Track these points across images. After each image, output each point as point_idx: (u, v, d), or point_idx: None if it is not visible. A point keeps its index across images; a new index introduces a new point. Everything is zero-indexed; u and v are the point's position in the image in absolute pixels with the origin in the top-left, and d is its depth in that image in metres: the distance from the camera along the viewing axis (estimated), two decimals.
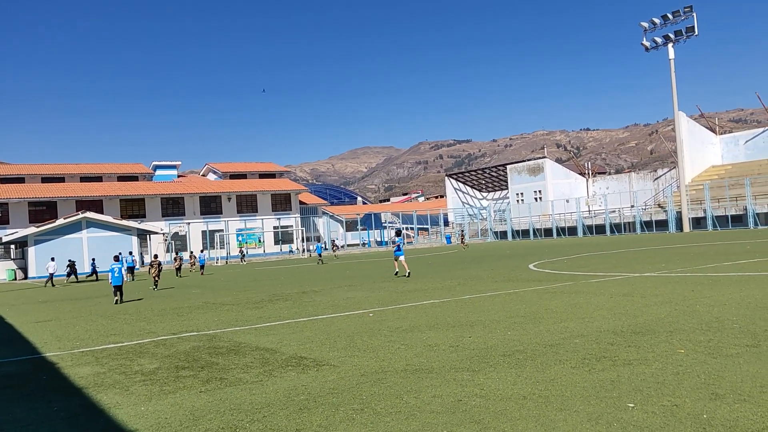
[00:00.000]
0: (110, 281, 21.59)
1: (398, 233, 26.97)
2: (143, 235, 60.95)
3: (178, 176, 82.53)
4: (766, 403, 5.53)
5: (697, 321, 9.86)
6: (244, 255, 64.68)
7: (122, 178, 75.43)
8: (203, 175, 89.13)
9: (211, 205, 74.89)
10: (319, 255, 49.51)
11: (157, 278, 28.46)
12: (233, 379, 8.06)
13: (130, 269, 39.84)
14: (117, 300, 21.39)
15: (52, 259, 43.10)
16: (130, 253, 48.33)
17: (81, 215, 55.26)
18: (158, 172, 79.55)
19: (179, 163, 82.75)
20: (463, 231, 69.17)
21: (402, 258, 24.44)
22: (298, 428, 5.82)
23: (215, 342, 11.27)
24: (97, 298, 24.72)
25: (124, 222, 58.40)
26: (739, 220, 58.57)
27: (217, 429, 5.99)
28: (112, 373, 9.06)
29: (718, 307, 11.09)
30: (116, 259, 23.21)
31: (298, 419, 6.10)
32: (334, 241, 74.60)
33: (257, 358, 9.37)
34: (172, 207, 72.87)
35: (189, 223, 70.77)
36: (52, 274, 40.41)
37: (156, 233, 62.80)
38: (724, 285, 14.38)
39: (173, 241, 68.47)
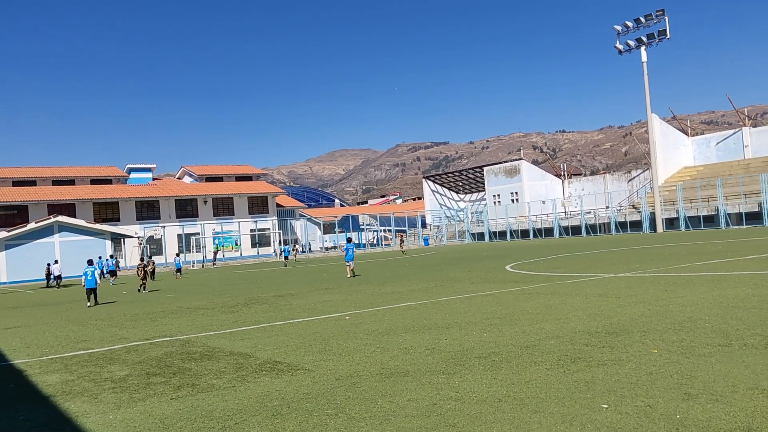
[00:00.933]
0: (83, 284, 21.78)
1: (349, 240, 29.91)
2: (117, 239, 60.11)
3: (153, 179, 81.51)
4: (738, 403, 5.56)
5: (670, 321, 9.94)
6: (215, 258, 64.04)
7: (95, 182, 74.30)
8: (179, 178, 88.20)
9: (186, 208, 74.09)
10: (286, 257, 51.24)
11: (144, 280, 29.52)
12: (205, 385, 7.93)
13: (112, 272, 40.70)
14: (90, 304, 21.63)
15: (56, 262, 43.15)
16: (111, 256, 49.04)
17: (53, 219, 54.30)
18: (133, 175, 78.48)
19: (154, 165, 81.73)
20: (402, 237, 69.88)
21: (351, 263, 27.70)
22: None
23: (188, 347, 11.10)
24: (68, 304, 24.28)
25: (98, 226, 57.50)
26: (711, 220, 59.48)
27: None
28: (81, 381, 8.86)
29: (690, 307, 11.20)
30: (90, 263, 23.32)
31: (271, 425, 6.00)
32: (295, 243, 74.04)
33: (231, 364, 9.24)
34: (147, 210, 71.97)
35: (164, 227, 69.95)
36: (59, 276, 41.25)
37: (130, 237, 61.98)
38: (696, 285, 14.54)
39: (148, 245, 67.63)
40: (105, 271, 42.13)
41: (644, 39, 61.43)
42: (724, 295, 12.46)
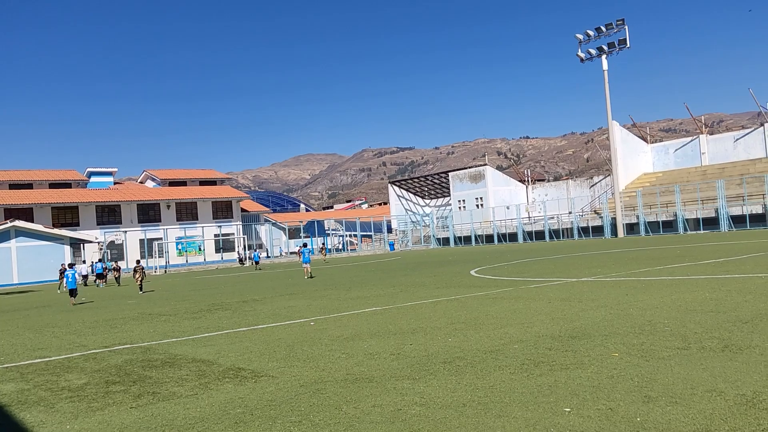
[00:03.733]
0: (66, 285, 25.94)
1: (304, 245, 35.94)
2: (77, 244, 58.77)
3: (115, 183, 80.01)
4: (696, 405, 5.68)
5: (631, 324, 10.11)
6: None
7: (54, 185, 72.56)
8: (141, 182, 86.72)
9: (149, 213, 72.87)
10: (256, 262, 53.43)
11: (141, 282, 30.12)
12: (167, 393, 7.77)
13: (100, 276, 41.56)
14: (75, 302, 24.75)
15: (71, 265, 42.67)
16: (100, 260, 50.21)
17: (9, 224, 52.80)
18: (93, 179, 76.90)
19: (115, 169, 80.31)
20: (323, 244, 71.55)
21: (308, 265, 32.32)
22: None
23: (149, 354, 10.88)
24: (25, 311, 23.63)
25: (56, 231, 56.12)
26: (669, 225, 60.89)
27: None
28: (38, 390, 8.61)
29: (650, 311, 11.42)
30: (71, 266, 29.02)
31: None
32: (249, 248, 73.28)
33: (193, 371, 9.08)
34: (108, 215, 70.59)
35: (126, 232, 68.65)
36: (86, 276, 42.98)
37: (90, 242, 60.65)
38: (656, 289, 14.84)
39: (109, 251, 66.27)
40: (93, 274, 43.78)
41: (605, 48, 62.75)
42: (683, 298, 12.73)
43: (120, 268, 42.78)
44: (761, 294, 12.51)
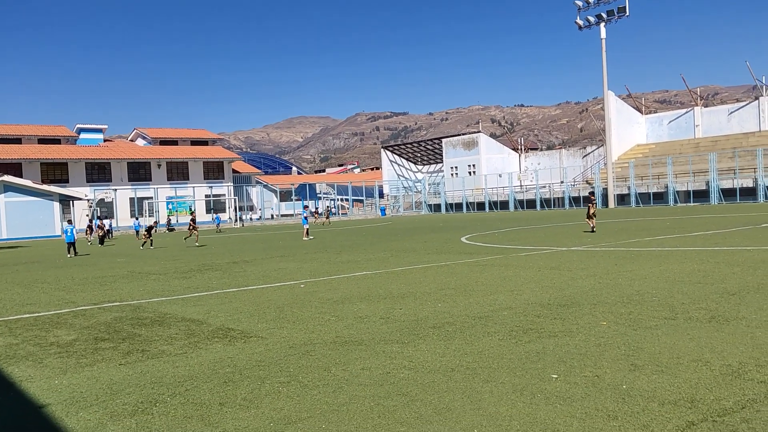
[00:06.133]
0: (65, 239, 28.30)
1: (305, 207, 37.13)
2: (66, 201, 58.38)
3: (105, 141, 79.17)
4: (682, 374, 5.73)
5: (619, 294, 10.19)
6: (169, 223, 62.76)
7: (43, 141, 71.73)
8: (131, 141, 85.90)
9: (139, 172, 72.42)
10: (218, 224, 55.01)
11: (148, 238, 31.75)
12: (156, 352, 7.79)
13: (108, 232, 44.23)
14: (71, 255, 27.17)
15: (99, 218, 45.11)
16: (99, 217, 51.80)
17: None
18: (83, 136, 76.02)
19: (105, 126, 79.32)
20: (329, 208, 70.37)
21: (306, 226, 33.66)
22: (222, 402, 5.66)
23: (139, 313, 10.88)
24: (14, 266, 23.55)
25: (45, 187, 55.63)
26: (660, 197, 61.13)
27: (136, 403, 5.75)
28: (26, 345, 8.61)
29: (639, 281, 11.50)
30: (69, 222, 31.51)
31: (222, 392, 5.93)
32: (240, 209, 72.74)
33: (182, 330, 9.10)
34: (98, 172, 70.09)
35: (116, 190, 68.25)
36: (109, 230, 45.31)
37: (80, 199, 60.24)
38: (645, 259, 14.93)
39: (98, 208, 65.94)
40: (93, 230, 44.38)
41: (604, 15, 62.07)
42: (671, 269, 12.83)
43: (104, 226, 42.41)
44: (748, 266, 12.62)
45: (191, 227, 33.40)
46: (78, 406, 5.75)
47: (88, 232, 43.79)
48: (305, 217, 35.22)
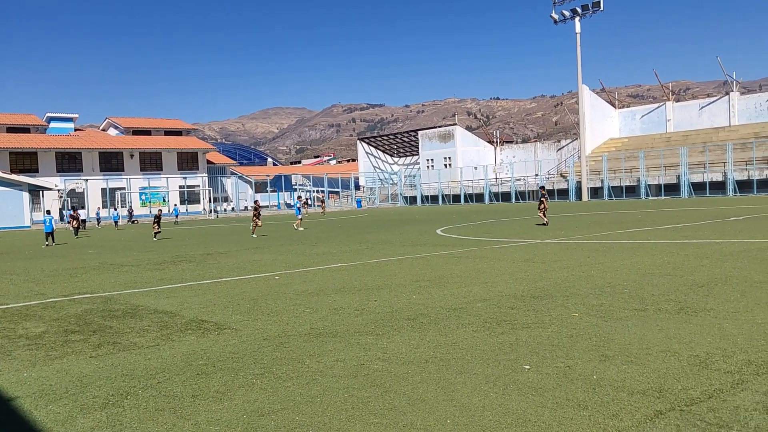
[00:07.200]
0: (44, 229, 28.52)
1: (298, 198, 36.22)
2: (36, 191, 57.34)
3: (75, 130, 77.78)
4: (651, 365, 5.83)
5: (592, 286, 10.32)
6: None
7: (12, 130, 70.20)
8: (103, 130, 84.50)
9: (111, 162, 71.30)
10: (176, 216, 54.47)
11: (157, 230, 29.97)
12: (127, 344, 7.70)
13: (83, 222, 44.44)
14: (48, 244, 27.49)
15: (74, 208, 44.49)
16: (82, 207, 53.65)
17: None
18: (53, 125, 74.54)
19: (76, 115, 77.86)
20: (322, 198, 69.95)
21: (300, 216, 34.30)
22: (195, 394, 5.62)
23: (110, 305, 10.75)
24: None
25: (14, 176, 54.55)
26: (632, 191, 61.94)
27: (107, 396, 5.69)
28: None
29: (610, 273, 11.65)
30: (48, 212, 30.92)
31: (195, 385, 5.89)
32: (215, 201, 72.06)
33: (155, 322, 9.01)
34: (69, 162, 68.83)
35: (87, 180, 67.14)
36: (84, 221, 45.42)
37: (50, 189, 59.23)
38: (616, 252, 15.14)
39: (69, 198, 64.82)
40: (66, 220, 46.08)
41: (579, 10, 62.52)
42: (642, 262, 13.02)
43: (78, 217, 41.62)
44: (717, 259, 12.86)
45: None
46: (47, 399, 5.67)
47: (71, 221, 43.24)
48: (298, 208, 35.38)
